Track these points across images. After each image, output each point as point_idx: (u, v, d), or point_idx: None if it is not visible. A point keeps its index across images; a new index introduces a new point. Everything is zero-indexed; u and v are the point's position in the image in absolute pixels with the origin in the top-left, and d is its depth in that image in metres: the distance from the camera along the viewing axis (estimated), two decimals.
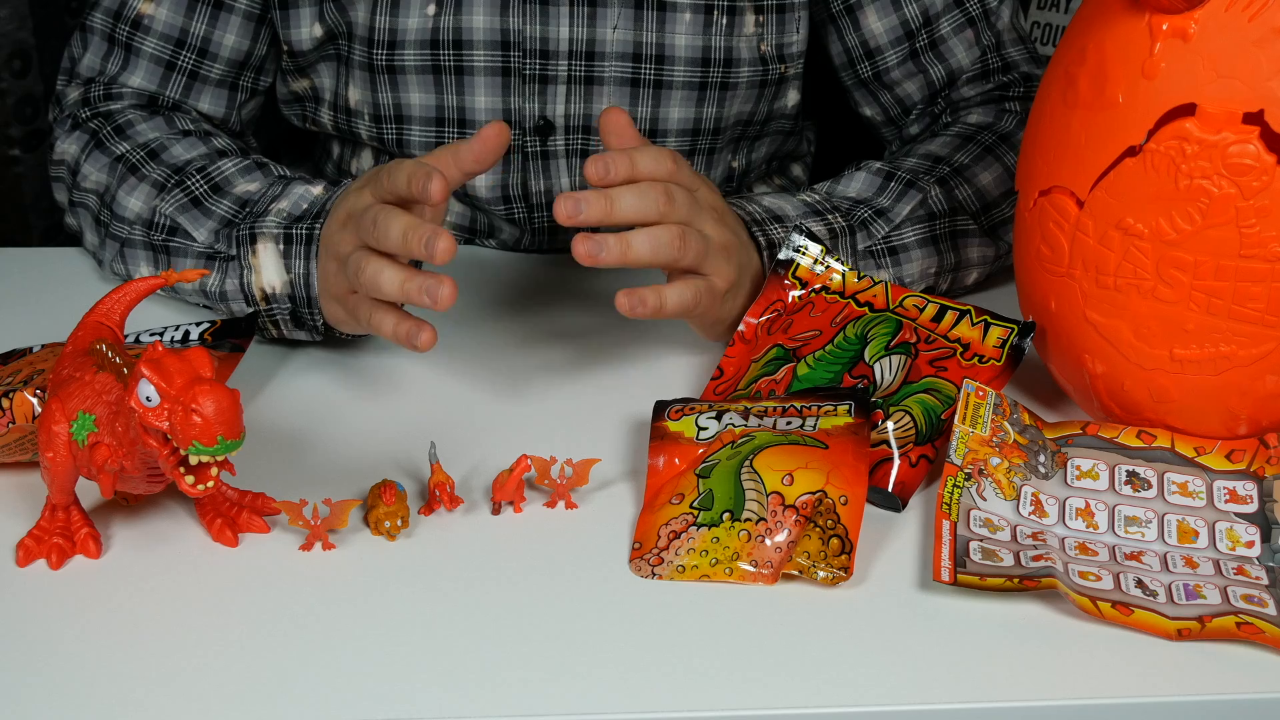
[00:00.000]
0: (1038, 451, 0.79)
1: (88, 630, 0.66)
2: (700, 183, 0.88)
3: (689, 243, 0.84)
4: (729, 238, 0.88)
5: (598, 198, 0.82)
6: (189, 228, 0.94)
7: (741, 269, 0.89)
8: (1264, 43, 0.70)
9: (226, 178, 0.96)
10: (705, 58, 1.04)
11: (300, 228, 0.89)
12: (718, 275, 0.86)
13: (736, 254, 0.88)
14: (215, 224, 0.93)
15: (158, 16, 1.03)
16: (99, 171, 1.00)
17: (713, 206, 0.88)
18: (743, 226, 0.91)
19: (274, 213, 0.91)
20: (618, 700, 0.62)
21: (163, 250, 0.95)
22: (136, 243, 0.97)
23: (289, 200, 0.92)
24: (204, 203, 0.95)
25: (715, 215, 0.87)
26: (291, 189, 0.93)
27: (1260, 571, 0.71)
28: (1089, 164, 0.75)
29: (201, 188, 0.95)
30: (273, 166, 0.97)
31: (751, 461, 0.74)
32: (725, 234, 0.87)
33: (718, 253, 0.86)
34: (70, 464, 0.70)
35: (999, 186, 1.01)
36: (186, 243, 0.94)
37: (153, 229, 0.96)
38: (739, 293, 0.89)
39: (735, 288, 0.88)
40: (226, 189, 0.95)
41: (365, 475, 0.79)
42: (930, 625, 0.68)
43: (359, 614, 0.68)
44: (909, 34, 1.08)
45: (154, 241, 0.96)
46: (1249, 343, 0.74)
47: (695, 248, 0.84)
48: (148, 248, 0.96)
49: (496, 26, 1.01)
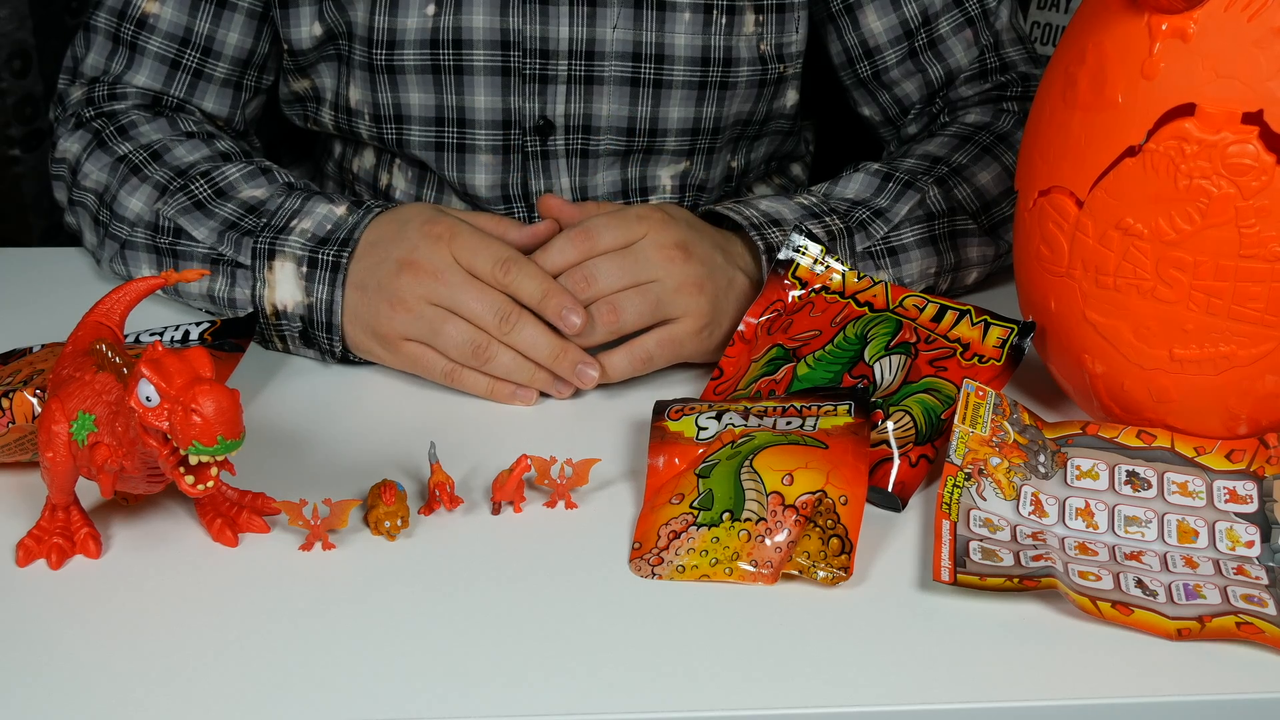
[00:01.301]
0: (1038, 451, 0.79)
1: (88, 630, 0.66)
2: (645, 226, 0.89)
3: (623, 311, 0.86)
4: (691, 273, 0.88)
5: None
6: (190, 230, 0.94)
7: (717, 298, 0.89)
8: (1263, 43, 0.70)
9: (230, 182, 0.96)
10: (705, 57, 1.04)
11: (326, 253, 0.89)
12: (686, 316, 0.88)
13: (708, 285, 0.88)
14: (218, 225, 0.93)
15: (162, 15, 1.03)
16: (100, 171, 1.00)
17: (664, 245, 0.88)
18: (723, 245, 0.91)
19: (297, 232, 0.91)
20: (618, 700, 0.62)
21: (168, 253, 0.96)
22: (139, 244, 0.97)
23: (312, 220, 0.92)
24: (206, 205, 0.95)
25: (670, 255, 0.88)
26: (313, 207, 0.93)
27: (1260, 571, 0.71)
28: (1089, 164, 0.75)
29: (205, 191, 0.95)
30: (277, 173, 0.97)
31: (751, 461, 0.74)
32: (686, 271, 0.88)
33: (676, 294, 0.87)
34: (70, 464, 0.70)
35: (997, 186, 1.01)
36: (191, 245, 0.94)
37: (159, 232, 0.96)
38: (719, 323, 0.89)
39: (712, 321, 0.89)
40: (231, 193, 0.95)
41: (365, 475, 0.79)
42: (930, 625, 0.68)
43: (359, 614, 0.68)
44: (908, 33, 1.08)
45: (159, 244, 0.96)
46: (1249, 343, 0.74)
47: (635, 310, 0.87)
48: (151, 250, 0.96)
49: (496, 26, 1.01)
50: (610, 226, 0.88)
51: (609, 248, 0.87)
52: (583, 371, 0.86)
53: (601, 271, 0.86)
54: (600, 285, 0.86)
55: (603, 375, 0.87)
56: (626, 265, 0.87)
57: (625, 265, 0.87)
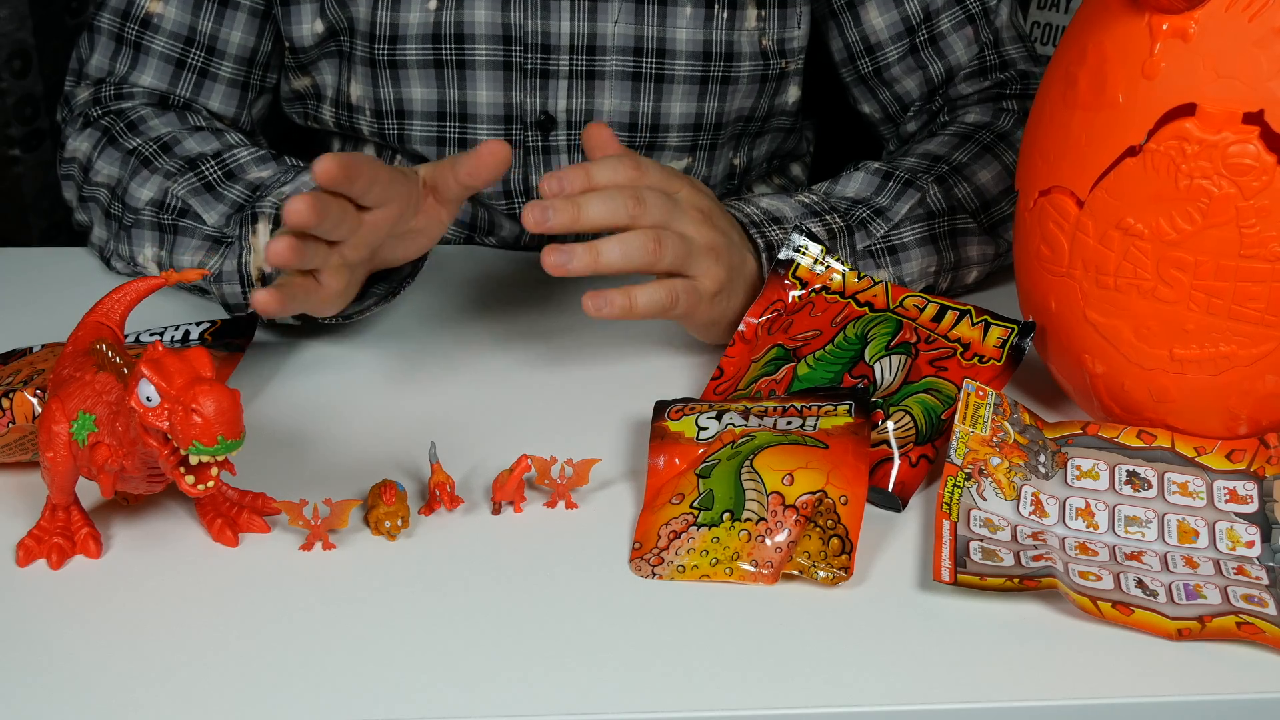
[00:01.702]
0: (1038, 451, 0.79)
1: (88, 630, 0.66)
2: (681, 183, 0.87)
3: (665, 245, 0.83)
4: (716, 238, 0.87)
5: (565, 203, 0.81)
6: (200, 209, 0.94)
7: (733, 270, 0.87)
8: (1264, 43, 0.70)
9: (241, 165, 0.96)
10: (706, 51, 1.04)
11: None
12: (705, 277, 0.86)
13: (726, 255, 0.87)
14: (227, 208, 0.93)
15: (166, 15, 1.03)
16: (111, 165, 1.00)
17: (696, 207, 0.87)
18: (736, 227, 0.90)
19: (275, 195, 0.91)
20: (618, 700, 0.62)
21: (170, 230, 0.95)
22: (145, 223, 0.97)
23: (292, 186, 0.92)
24: (216, 187, 0.95)
25: (699, 216, 0.86)
26: (300, 176, 0.93)
27: (1260, 571, 0.71)
28: (1089, 164, 0.75)
29: (215, 173, 0.95)
30: (287, 158, 0.98)
31: (752, 461, 0.74)
32: (712, 235, 0.86)
33: (703, 254, 0.85)
34: (70, 464, 0.70)
35: (998, 184, 1.01)
36: (195, 224, 0.94)
37: (163, 210, 0.96)
38: (732, 294, 0.88)
39: (726, 289, 0.87)
40: (240, 175, 0.95)
41: (365, 475, 0.79)
42: (930, 625, 0.68)
43: (359, 614, 0.68)
44: (909, 29, 1.09)
45: (162, 221, 0.96)
46: (1249, 343, 0.74)
47: (673, 250, 0.83)
48: (155, 227, 0.96)
49: (498, 21, 1.01)
50: (656, 168, 0.86)
51: (656, 186, 0.85)
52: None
53: (651, 201, 0.83)
54: (648, 212, 0.83)
55: (631, 306, 0.83)
56: (669, 207, 0.84)
57: (668, 206, 0.84)
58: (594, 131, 0.88)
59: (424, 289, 1.03)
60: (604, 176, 0.83)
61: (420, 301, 1.01)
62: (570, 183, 0.82)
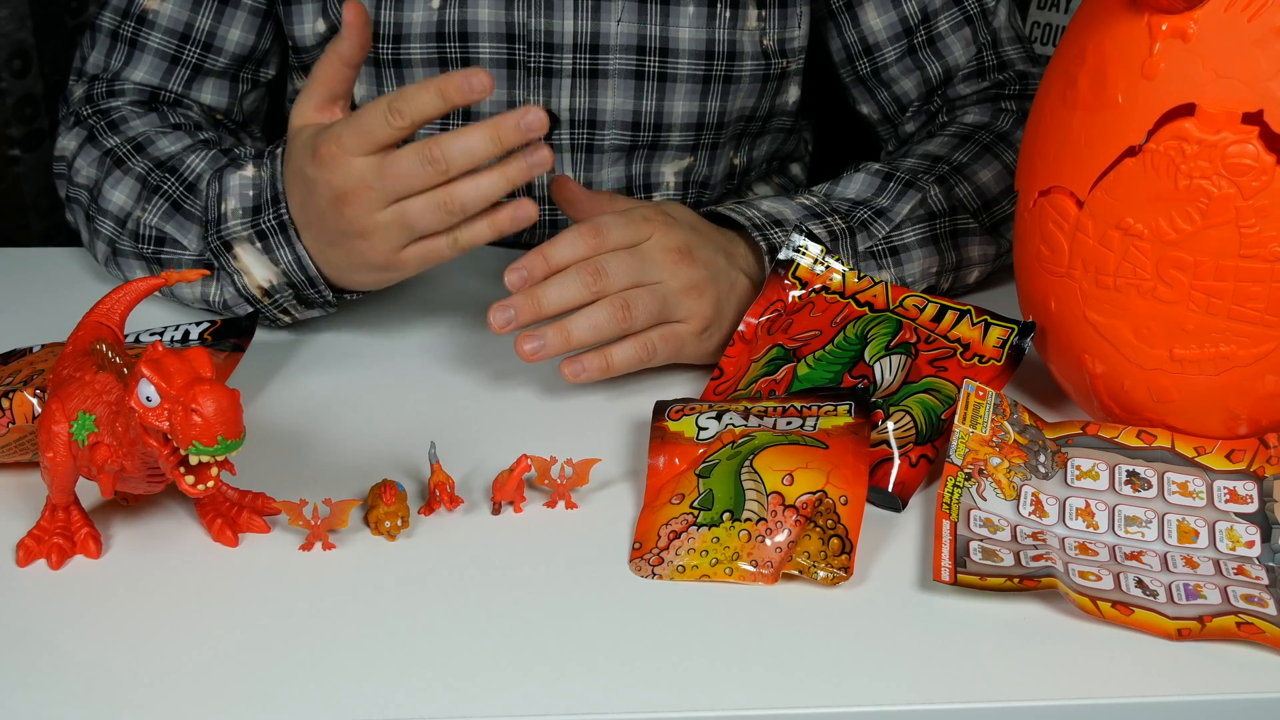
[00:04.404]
0: (1038, 451, 0.79)
1: (88, 630, 0.66)
2: (650, 228, 0.88)
3: (635, 307, 0.85)
4: (695, 276, 0.87)
5: (525, 299, 0.84)
6: (177, 235, 0.94)
7: (720, 301, 0.89)
8: (1263, 43, 0.70)
9: (198, 174, 0.96)
10: (709, 50, 1.04)
11: (267, 219, 0.88)
12: (689, 319, 0.87)
13: (710, 289, 0.88)
14: (199, 228, 0.94)
15: (163, 12, 1.03)
16: (89, 166, 1.01)
17: (670, 249, 0.87)
18: (725, 248, 0.91)
19: (229, 214, 0.90)
20: (618, 700, 0.62)
21: (155, 261, 0.96)
22: (128, 253, 0.97)
23: (234, 196, 0.90)
24: (184, 205, 0.95)
25: (675, 257, 0.87)
26: (228, 181, 0.90)
27: (1260, 571, 0.71)
28: (1089, 164, 0.75)
29: (178, 190, 0.95)
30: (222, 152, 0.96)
31: (752, 461, 0.74)
32: (690, 273, 0.87)
33: (681, 297, 0.87)
34: (70, 464, 0.70)
35: (998, 184, 1.01)
36: (177, 252, 0.94)
37: (140, 241, 0.96)
38: (721, 324, 0.89)
39: (714, 323, 0.89)
40: (198, 185, 0.95)
41: (365, 475, 0.79)
42: (930, 625, 0.68)
43: (359, 614, 0.68)
44: (907, 30, 1.09)
45: (144, 254, 0.96)
46: (1249, 343, 0.74)
47: (645, 308, 0.85)
48: (139, 258, 0.97)
49: (501, 19, 1.01)
50: (619, 225, 0.87)
51: (618, 245, 0.87)
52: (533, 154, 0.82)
53: (612, 267, 0.85)
54: (610, 280, 0.85)
55: (608, 366, 0.86)
56: (634, 264, 0.86)
57: (633, 264, 0.86)
58: (560, 188, 0.92)
59: (424, 288, 1.03)
60: (562, 255, 0.85)
61: (420, 301, 1.01)
62: (532, 272, 0.85)
